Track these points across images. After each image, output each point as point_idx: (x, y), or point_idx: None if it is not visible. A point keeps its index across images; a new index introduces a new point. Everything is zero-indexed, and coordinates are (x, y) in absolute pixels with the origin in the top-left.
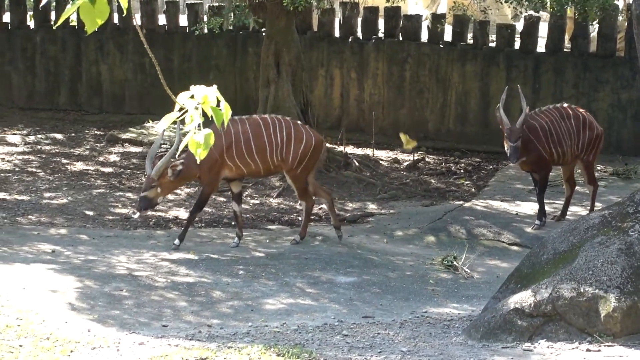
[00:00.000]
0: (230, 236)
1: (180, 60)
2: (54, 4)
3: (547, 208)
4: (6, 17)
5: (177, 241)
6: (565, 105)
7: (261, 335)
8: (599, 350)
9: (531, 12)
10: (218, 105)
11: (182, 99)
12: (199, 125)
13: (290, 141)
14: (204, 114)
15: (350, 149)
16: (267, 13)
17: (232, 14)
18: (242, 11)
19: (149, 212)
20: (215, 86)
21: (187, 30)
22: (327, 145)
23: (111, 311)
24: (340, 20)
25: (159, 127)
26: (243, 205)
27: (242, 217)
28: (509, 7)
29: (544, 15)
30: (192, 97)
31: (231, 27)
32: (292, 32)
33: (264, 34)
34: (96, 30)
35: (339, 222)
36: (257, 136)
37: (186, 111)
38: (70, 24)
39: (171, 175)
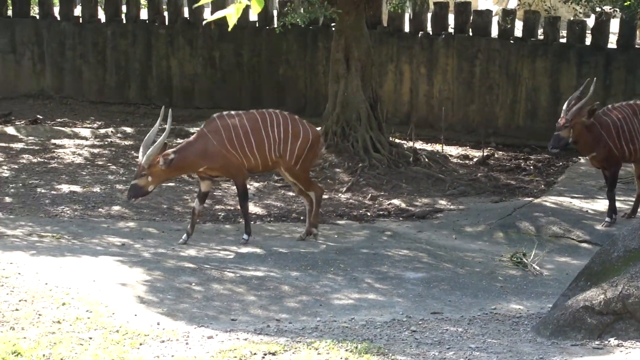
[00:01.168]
0: (299, 231)
1: (250, 54)
2: None
3: (618, 205)
4: (77, 11)
5: (245, 235)
6: (638, 102)
7: (329, 331)
8: None
9: (603, 8)
10: None
11: None
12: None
13: (288, 137)
14: None
15: (419, 145)
16: (338, 8)
17: (302, 9)
18: (314, 5)
19: (142, 200)
20: None
21: (257, 25)
22: (397, 140)
23: (180, 304)
24: (410, 16)
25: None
26: None
27: (198, 218)
28: (570, 7)
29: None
30: None
31: (301, 22)
32: (362, 27)
33: (334, 29)
34: (166, 24)
35: (315, 225)
36: (255, 131)
37: None
38: (141, 19)
39: (162, 164)
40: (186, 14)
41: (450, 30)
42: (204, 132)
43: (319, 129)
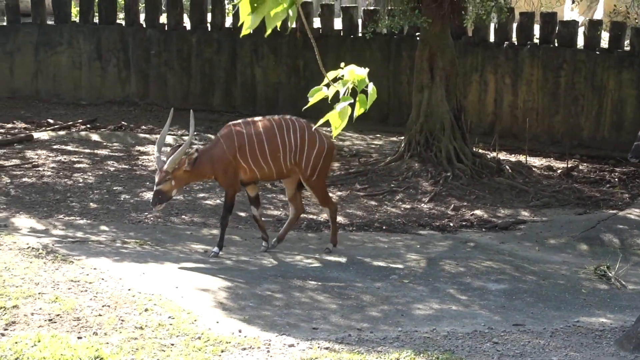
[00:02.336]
0: (381, 240)
1: (333, 63)
2: (210, 6)
3: None
4: (163, 18)
5: (216, 248)
6: None
7: (411, 341)
8: None
9: None
10: (365, 89)
11: (332, 76)
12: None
13: (304, 144)
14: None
15: (502, 156)
16: (424, 20)
17: (387, 19)
18: (404, 13)
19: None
20: (367, 69)
21: (342, 34)
22: (480, 151)
23: (262, 312)
24: (495, 26)
25: (310, 103)
26: (394, 209)
27: (262, 220)
28: None
29: None
30: (341, 77)
31: (385, 31)
32: (447, 37)
33: (418, 38)
34: (251, 32)
35: (283, 238)
36: (270, 138)
37: (332, 87)
38: (226, 27)
39: (187, 165)
40: None
41: (536, 40)
42: (218, 138)
43: (401, 138)
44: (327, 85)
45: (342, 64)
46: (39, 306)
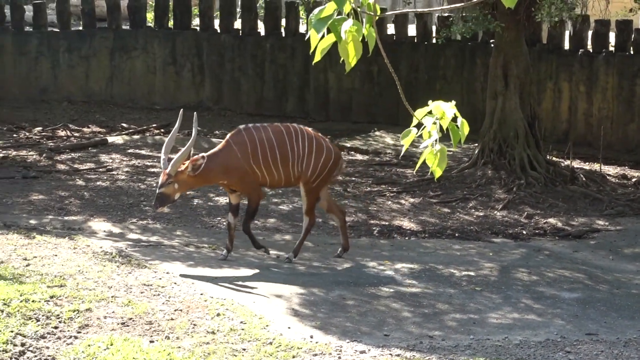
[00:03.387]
0: (454, 247)
1: (407, 70)
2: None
3: None
4: (237, 24)
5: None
6: None
7: (482, 349)
8: None
9: None
10: (455, 121)
11: (420, 114)
12: (435, 141)
13: (312, 152)
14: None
15: (576, 164)
16: (497, 24)
17: (461, 24)
18: (477, 18)
19: (166, 209)
20: (453, 102)
21: (416, 40)
22: (554, 159)
23: (334, 318)
24: (570, 33)
25: (404, 147)
26: (467, 217)
27: (234, 232)
28: None
29: None
30: (429, 112)
31: (459, 38)
32: (522, 45)
33: (492, 45)
34: (323, 33)
35: (348, 244)
36: (281, 145)
37: (424, 129)
38: (300, 32)
39: (191, 170)
40: None
41: (611, 48)
42: (229, 143)
43: (475, 145)
44: (417, 125)
45: (430, 101)
46: (112, 309)
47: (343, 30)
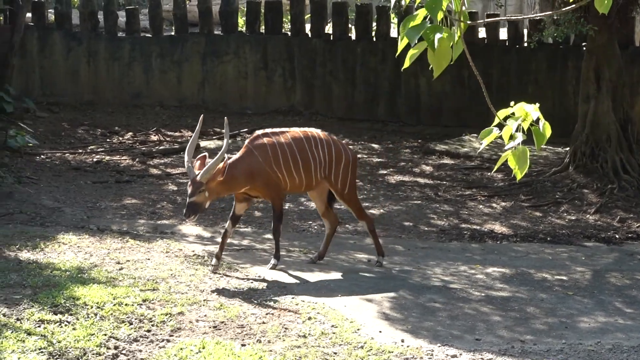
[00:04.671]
0: (546, 252)
1: (499, 73)
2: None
3: None
4: (328, 28)
5: (273, 260)
6: None
7: (575, 354)
8: None
9: None
10: (537, 123)
11: (502, 115)
12: (518, 143)
13: (332, 158)
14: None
15: None
16: (590, 28)
17: (553, 27)
18: (570, 22)
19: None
20: (537, 104)
21: (507, 44)
22: None
23: (424, 322)
24: None
25: (481, 146)
26: (558, 221)
27: (227, 240)
28: None
29: None
30: (512, 114)
31: (551, 41)
32: (614, 47)
33: (584, 48)
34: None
35: (324, 253)
36: (301, 150)
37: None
38: (391, 37)
39: (220, 175)
40: None
41: None
42: (249, 148)
43: (567, 149)
44: (499, 125)
45: (512, 103)
46: (204, 313)
47: (436, 40)
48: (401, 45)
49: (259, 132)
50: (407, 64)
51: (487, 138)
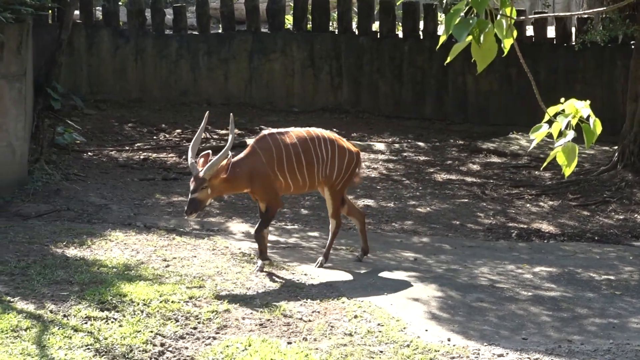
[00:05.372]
0: (594, 251)
1: (546, 72)
2: (422, 15)
3: None
4: (375, 26)
5: (260, 262)
6: None
7: (622, 354)
8: None
9: None
10: (587, 120)
11: (552, 112)
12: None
13: (335, 156)
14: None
15: None
16: (635, 29)
17: (601, 26)
18: (615, 22)
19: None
20: (588, 101)
21: (555, 42)
22: None
23: (471, 322)
24: None
25: (533, 143)
26: (606, 220)
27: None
28: None
29: None
30: (562, 111)
31: (599, 39)
32: None
33: (633, 47)
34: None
35: (367, 247)
36: (306, 150)
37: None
38: (438, 35)
39: (224, 172)
40: None
41: None
42: (254, 149)
43: (615, 148)
44: (549, 122)
45: (562, 99)
46: (250, 311)
47: (482, 35)
48: (442, 39)
49: (265, 132)
50: (450, 57)
51: (537, 134)
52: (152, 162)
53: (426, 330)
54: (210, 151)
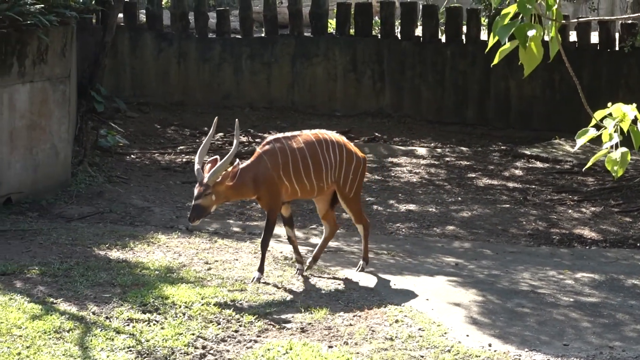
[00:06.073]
0: (636, 257)
1: (589, 77)
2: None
3: None
4: (418, 31)
5: (256, 273)
6: None
7: None
8: None
9: None
10: (635, 124)
11: (599, 116)
12: (616, 144)
13: (343, 160)
14: (622, 133)
15: None
16: None
17: None
18: None
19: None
20: (634, 105)
21: (598, 48)
22: None
23: (512, 327)
24: None
25: (577, 145)
26: None
27: (297, 241)
28: None
29: None
30: (609, 115)
31: None
32: None
33: None
34: (506, 40)
35: (318, 257)
36: (313, 155)
37: (604, 128)
38: (481, 40)
39: (229, 178)
40: None
41: None
42: (260, 155)
43: None
44: (595, 126)
45: (609, 103)
46: (291, 314)
47: (528, 37)
48: (491, 43)
49: (270, 137)
50: (496, 59)
51: (583, 138)
52: (194, 165)
53: (467, 336)
54: (218, 157)
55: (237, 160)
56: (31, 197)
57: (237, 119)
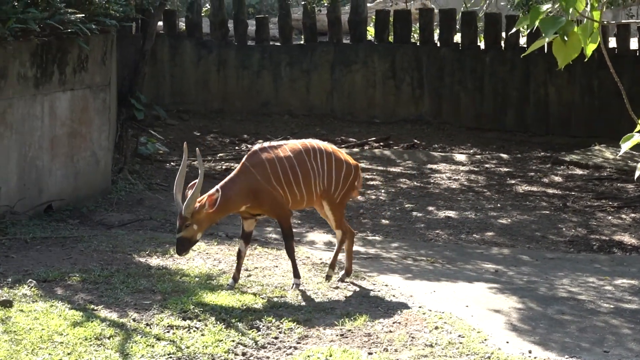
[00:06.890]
0: None
1: (629, 83)
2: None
3: None
4: (457, 37)
5: (295, 280)
6: None
7: None
8: None
9: None
10: None
11: None
12: None
13: (332, 168)
14: None
15: None
16: None
17: None
18: None
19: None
20: None
21: (638, 54)
22: None
23: (552, 334)
24: None
25: (622, 150)
26: None
27: (243, 260)
28: None
29: None
30: None
31: None
32: None
33: None
34: (545, 52)
35: (349, 270)
36: (301, 163)
37: None
38: (520, 45)
39: (207, 206)
40: None
41: None
42: (246, 166)
43: None
44: None
45: None
46: (331, 321)
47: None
48: (519, 25)
49: (256, 147)
50: (529, 50)
51: (627, 143)
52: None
53: (507, 342)
54: (197, 181)
55: (216, 186)
56: (72, 205)
57: (197, 148)
